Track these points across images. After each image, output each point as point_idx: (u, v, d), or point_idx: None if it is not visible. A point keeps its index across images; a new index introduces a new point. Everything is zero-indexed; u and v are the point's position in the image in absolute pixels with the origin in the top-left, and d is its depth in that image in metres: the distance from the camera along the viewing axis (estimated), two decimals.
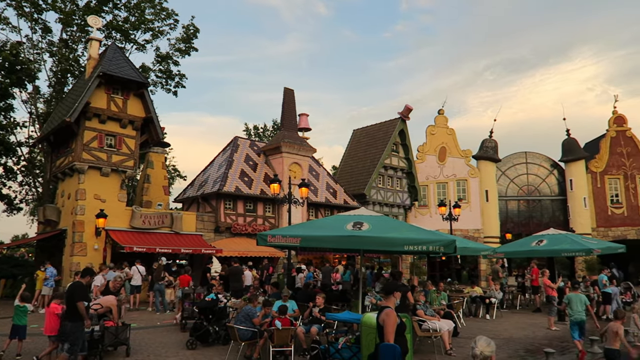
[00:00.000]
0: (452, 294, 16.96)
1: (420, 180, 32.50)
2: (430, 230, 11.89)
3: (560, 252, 17.41)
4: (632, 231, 32.86)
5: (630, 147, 33.67)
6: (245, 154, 26.40)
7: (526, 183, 34.63)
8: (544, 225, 30.91)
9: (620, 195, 33.27)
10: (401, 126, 31.51)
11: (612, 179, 33.46)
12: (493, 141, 33.84)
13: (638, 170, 33.32)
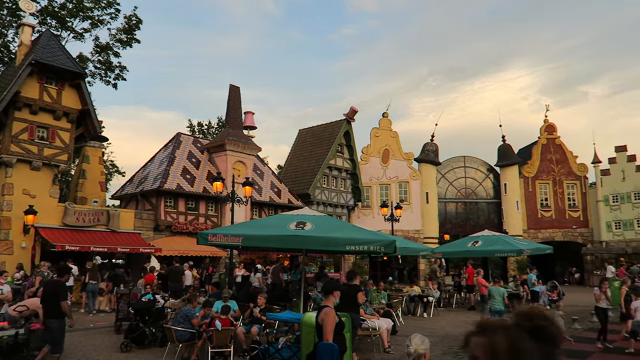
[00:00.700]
0: (392, 293, 17.33)
1: (364, 181, 33.02)
2: (371, 230, 12.11)
3: (493, 253, 18.23)
4: (559, 233, 34.92)
5: (559, 154, 35.78)
6: (188, 151, 25.78)
7: (464, 186, 36.00)
8: (480, 226, 32.25)
9: (549, 199, 35.28)
10: (346, 127, 31.87)
11: (542, 183, 35.43)
12: (434, 145, 34.92)
13: (565, 176, 35.47)
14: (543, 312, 1.51)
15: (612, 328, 11.72)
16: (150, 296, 11.74)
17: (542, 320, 1.44)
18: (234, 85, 27.30)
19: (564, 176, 35.47)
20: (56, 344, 7.66)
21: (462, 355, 10.14)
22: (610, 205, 34.24)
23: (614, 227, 33.93)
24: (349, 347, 7.31)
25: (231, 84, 27.25)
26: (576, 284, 33.76)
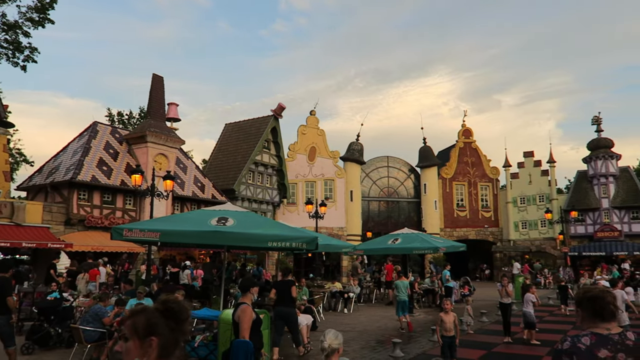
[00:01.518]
0: (313, 289, 17.50)
1: (290, 178, 33.05)
2: (295, 227, 12.11)
3: (412, 250, 18.92)
4: (472, 232, 37.02)
5: (475, 157, 37.93)
6: (105, 141, 24.42)
7: (387, 185, 37.14)
8: (400, 224, 33.37)
9: (464, 200, 37.29)
10: (273, 124, 31.72)
11: (458, 185, 37.38)
12: (359, 144, 35.69)
13: (479, 178, 37.67)
14: (175, 299, 2.00)
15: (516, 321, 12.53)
16: (57, 294, 10.99)
17: (172, 304, 1.94)
18: (157, 75, 26.23)
19: (479, 178, 37.65)
20: (8, 338, 7.72)
21: (380, 349, 10.44)
22: (518, 206, 36.83)
23: (520, 227, 36.54)
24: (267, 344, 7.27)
25: (154, 74, 26.17)
26: (487, 279, 35.97)
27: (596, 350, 2.34)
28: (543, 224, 35.20)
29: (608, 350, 2.34)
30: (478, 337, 12.24)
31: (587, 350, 2.34)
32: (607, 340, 2.38)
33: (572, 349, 2.36)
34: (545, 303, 20.27)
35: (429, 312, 17.65)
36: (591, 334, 2.43)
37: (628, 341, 2.39)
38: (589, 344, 2.37)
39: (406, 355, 9.75)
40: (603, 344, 2.36)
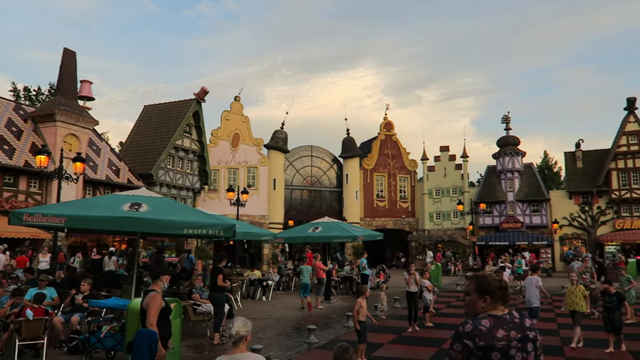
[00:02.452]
0: (232, 277, 17.32)
1: (212, 164, 32.34)
2: (213, 214, 11.88)
3: (331, 238, 19.23)
4: (390, 221, 38.37)
5: (395, 150, 39.23)
6: (7, 118, 22.46)
7: (310, 174, 37.45)
8: (322, 213, 33.79)
9: (384, 191, 38.51)
10: (196, 108, 30.79)
11: (379, 176, 38.52)
12: (284, 133, 35.62)
13: (399, 170, 39.05)
14: None
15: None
16: None
17: None
18: (68, 50, 24.45)
19: (398, 170, 39.02)
20: None
21: (295, 336, 10.56)
22: (433, 198, 38.67)
23: (435, 218, 38.42)
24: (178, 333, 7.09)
25: (65, 48, 24.37)
26: (402, 267, 37.47)
27: (495, 331, 2.52)
28: (455, 215, 37.24)
29: (504, 330, 2.54)
30: (390, 322, 12.75)
31: (487, 331, 2.51)
32: (503, 321, 2.58)
33: (474, 331, 2.51)
34: (454, 289, 21.54)
35: (346, 299, 18.10)
36: (489, 316, 2.60)
37: (516, 319, 2.63)
38: (489, 325, 2.54)
39: (320, 340, 9.94)
40: (500, 325, 2.56)
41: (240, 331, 3.62)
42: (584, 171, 34.84)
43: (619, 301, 9.50)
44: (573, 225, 34.17)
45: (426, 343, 10.10)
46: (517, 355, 2.51)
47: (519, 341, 2.55)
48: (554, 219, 34.25)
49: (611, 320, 9.20)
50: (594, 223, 33.61)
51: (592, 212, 33.76)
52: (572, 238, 34.27)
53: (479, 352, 2.47)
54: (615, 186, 32.90)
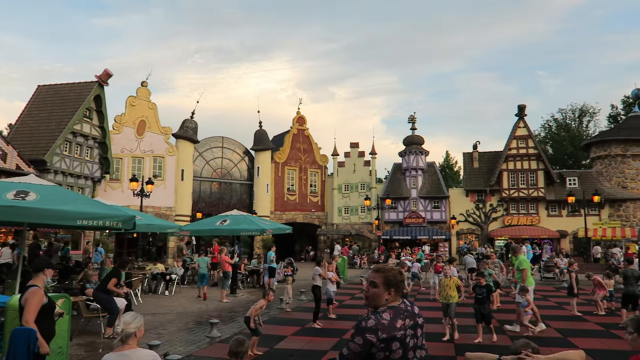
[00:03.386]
0: (134, 271, 16.54)
1: (115, 152, 30.54)
2: (111, 205, 11.24)
3: (239, 232, 18.96)
4: (300, 215, 38.75)
5: (307, 144, 39.63)
6: None
7: (220, 166, 36.69)
8: (232, 206, 33.28)
9: (295, 185, 38.78)
10: (98, 91, 28.81)
11: (290, 170, 38.70)
12: (194, 122, 34.53)
13: (310, 165, 39.51)
14: None
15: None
16: None
17: None
18: None
19: (309, 164, 39.47)
20: None
21: (197, 330, 10.31)
22: (342, 193, 39.64)
23: (343, 212, 39.42)
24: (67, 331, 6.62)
25: None
26: (311, 260, 38.01)
27: (395, 322, 2.65)
28: (363, 210, 38.47)
29: (401, 319, 2.69)
30: (295, 314, 12.89)
31: (389, 323, 2.63)
32: (400, 311, 2.73)
33: (377, 325, 2.60)
34: (359, 281, 22.26)
35: (253, 292, 18.02)
36: (388, 309, 2.72)
37: (408, 307, 2.80)
38: (390, 318, 2.66)
39: (223, 334, 9.80)
40: (398, 315, 2.70)
41: (128, 328, 3.45)
42: (480, 171, 37.56)
43: (488, 293, 9.91)
44: (468, 221, 36.74)
45: (328, 334, 10.33)
46: (410, 341, 2.69)
47: (412, 328, 2.73)
48: (452, 215, 36.59)
49: (481, 312, 9.50)
50: (487, 219, 36.40)
51: (485, 209, 36.53)
52: (467, 233, 36.84)
53: (381, 344, 2.59)
54: (506, 186, 35.85)
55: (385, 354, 2.60)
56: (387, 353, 2.59)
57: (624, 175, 34.84)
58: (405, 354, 2.64)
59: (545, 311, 13.36)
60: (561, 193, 34.30)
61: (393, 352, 2.61)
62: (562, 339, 9.68)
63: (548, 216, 35.43)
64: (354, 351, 2.60)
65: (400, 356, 2.62)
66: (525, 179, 35.73)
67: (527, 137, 36.05)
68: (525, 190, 35.50)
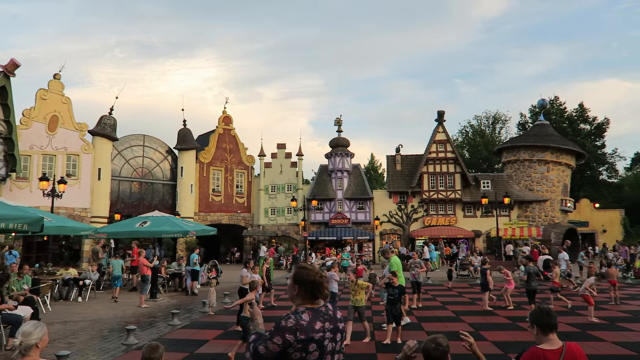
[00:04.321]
0: (42, 276, 15.43)
1: (23, 148, 28.28)
2: (17, 205, 10.41)
3: (161, 233, 18.30)
4: (226, 216, 38.07)
5: (233, 144, 39.02)
6: None
7: (141, 165, 35.18)
8: (154, 207, 32.05)
9: (220, 186, 38.04)
10: (3, 82, 26.48)
11: (215, 170, 37.91)
12: (112, 119, 32.84)
13: (236, 165, 38.94)
14: None
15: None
16: None
17: None
18: None
19: (235, 165, 38.90)
20: None
21: (112, 338, 9.81)
22: (269, 194, 39.44)
23: (270, 213, 39.23)
24: None
25: None
26: (236, 262, 37.51)
27: (314, 323, 2.67)
28: (289, 211, 38.51)
29: (320, 322, 2.70)
30: (218, 317, 12.63)
31: (308, 325, 2.64)
32: (319, 313, 2.75)
33: (296, 325, 2.61)
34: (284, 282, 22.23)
35: (174, 296, 17.46)
36: (308, 310, 2.74)
37: (330, 311, 2.83)
38: (309, 319, 2.67)
39: (141, 341, 9.39)
40: (317, 317, 2.72)
41: (28, 340, 3.19)
42: (402, 173, 38.93)
43: (400, 294, 9.68)
44: (391, 221, 37.94)
45: None
46: (329, 344, 2.71)
47: (331, 332, 2.75)
48: (375, 216, 37.59)
49: (392, 312, 9.31)
50: (408, 220, 37.79)
51: (407, 210, 37.89)
52: (390, 233, 38.00)
53: (298, 344, 2.61)
54: (426, 188, 37.42)
55: (302, 354, 2.61)
56: (303, 354, 2.61)
57: (531, 179, 37.60)
58: (322, 356, 2.66)
59: (460, 307, 14.11)
60: (476, 195, 36.36)
61: (309, 354, 2.62)
62: (474, 333, 10.23)
63: (464, 217, 37.43)
64: (272, 351, 2.60)
65: (317, 358, 2.64)
66: (443, 182, 37.50)
67: (445, 142, 37.86)
68: (443, 192, 37.26)
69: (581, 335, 9.81)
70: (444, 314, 12.74)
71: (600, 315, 12.21)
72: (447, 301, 15.28)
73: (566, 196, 38.13)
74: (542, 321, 3.15)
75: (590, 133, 56.64)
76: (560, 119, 55.15)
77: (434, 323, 11.44)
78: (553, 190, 37.18)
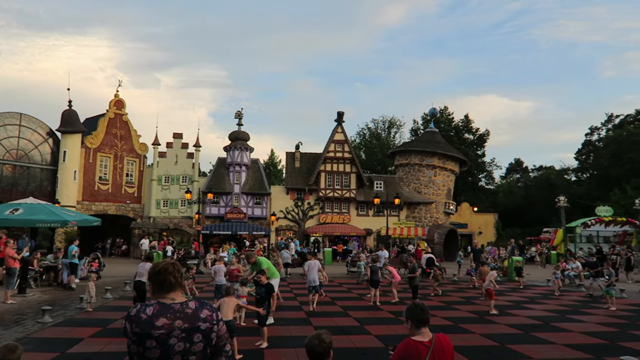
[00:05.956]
0: None
1: None
2: None
3: (35, 222, 16.68)
4: (113, 207, 35.75)
5: (125, 130, 36.72)
6: None
7: (16, 147, 31.78)
8: (29, 193, 29.11)
9: (108, 173, 35.61)
10: None
11: (104, 156, 35.42)
12: None
13: (127, 153, 36.71)
14: None
15: None
16: None
17: None
18: None
19: (126, 152, 36.66)
20: None
21: None
22: (162, 185, 37.70)
23: (162, 205, 37.52)
24: None
25: None
26: (122, 255, 35.40)
27: (156, 319, 2.53)
28: (183, 204, 37.17)
29: (167, 318, 2.55)
30: (97, 314, 11.80)
31: (147, 319, 2.52)
32: (169, 309, 2.60)
33: (135, 317, 2.53)
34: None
35: (47, 291, 16.02)
36: (156, 304, 2.61)
37: (188, 309, 2.65)
38: (151, 313, 2.55)
39: (1, 341, 8.45)
40: (164, 313, 2.57)
41: None
42: (301, 171, 39.37)
43: (267, 293, 9.15)
44: (287, 217, 38.21)
45: None
46: (177, 344, 2.54)
47: (185, 331, 2.57)
48: (272, 212, 37.61)
49: (259, 314, 8.74)
50: (304, 217, 38.33)
51: (303, 207, 38.41)
52: (285, 229, 38.26)
53: (133, 337, 2.53)
54: (323, 186, 38.22)
55: (139, 349, 2.53)
56: (140, 349, 2.53)
57: (420, 182, 40.04)
58: (167, 355, 2.52)
59: (348, 302, 14.58)
60: (369, 195, 37.86)
61: (148, 350, 2.51)
62: (359, 327, 10.62)
63: (357, 215, 38.82)
64: (124, 334, 2.61)
65: (159, 356, 2.51)
66: (340, 181, 38.57)
67: (343, 142, 38.95)
68: (339, 191, 38.31)
69: (454, 328, 10.60)
70: (332, 309, 13.07)
71: (471, 310, 13.31)
72: (336, 297, 15.71)
73: (449, 199, 41.15)
74: (415, 316, 3.33)
75: (473, 143, 61.78)
76: (448, 128, 59.44)
77: (322, 318, 11.67)
78: (438, 193, 39.91)
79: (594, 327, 11.08)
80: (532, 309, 13.74)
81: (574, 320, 11.99)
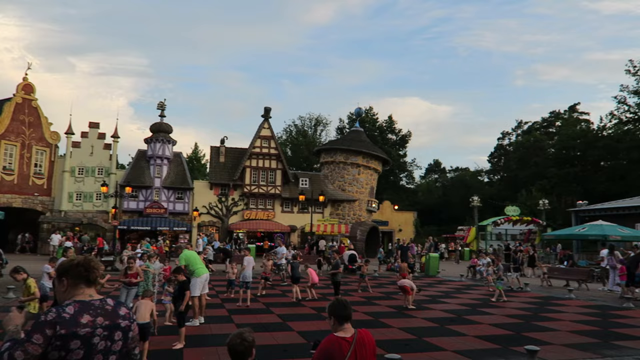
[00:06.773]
0: None
1: None
2: None
3: None
4: (18, 199, 33.11)
5: (34, 117, 34.10)
6: None
7: None
8: None
9: (14, 163, 32.91)
10: None
11: (9, 145, 32.68)
12: None
13: (36, 141, 34.13)
14: None
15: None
16: None
17: None
18: None
19: (35, 141, 34.08)
20: None
21: None
22: (75, 176, 35.44)
23: (75, 198, 35.28)
24: None
25: None
26: (29, 251, 32.88)
27: (80, 316, 2.40)
28: (98, 197, 35.18)
29: (90, 315, 2.44)
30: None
31: (71, 318, 2.37)
32: (89, 306, 2.48)
33: (57, 319, 2.34)
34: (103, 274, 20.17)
35: None
36: (75, 302, 2.47)
37: (108, 306, 2.56)
38: (74, 312, 2.41)
39: None
40: (85, 310, 2.45)
41: None
42: (225, 166, 38.65)
43: (180, 290, 8.65)
44: (211, 213, 37.40)
45: None
46: (100, 343, 2.44)
47: (106, 329, 2.48)
48: (195, 207, 36.63)
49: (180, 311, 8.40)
50: (228, 212, 37.70)
51: (227, 202, 37.77)
52: (208, 225, 37.42)
53: (57, 341, 2.29)
54: (248, 181, 37.80)
55: (61, 354, 2.30)
56: (62, 353, 2.30)
57: (344, 180, 40.76)
58: (89, 356, 2.38)
59: (271, 299, 14.54)
60: (294, 192, 37.98)
61: (71, 352, 2.31)
62: (282, 324, 10.62)
63: (282, 212, 38.80)
64: (33, 354, 2.23)
65: (81, 357, 2.35)
66: (265, 177, 38.33)
67: (270, 138, 38.74)
68: (264, 187, 38.08)
69: (374, 323, 10.91)
70: (255, 307, 12.97)
71: (391, 305, 13.76)
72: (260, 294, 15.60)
73: (372, 197, 42.28)
74: (338, 313, 3.37)
75: (396, 143, 63.97)
76: (373, 128, 61.07)
77: (244, 315, 11.55)
78: (362, 191, 40.87)
79: (501, 319, 11.88)
80: (447, 303, 14.47)
81: (484, 312, 12.78)
